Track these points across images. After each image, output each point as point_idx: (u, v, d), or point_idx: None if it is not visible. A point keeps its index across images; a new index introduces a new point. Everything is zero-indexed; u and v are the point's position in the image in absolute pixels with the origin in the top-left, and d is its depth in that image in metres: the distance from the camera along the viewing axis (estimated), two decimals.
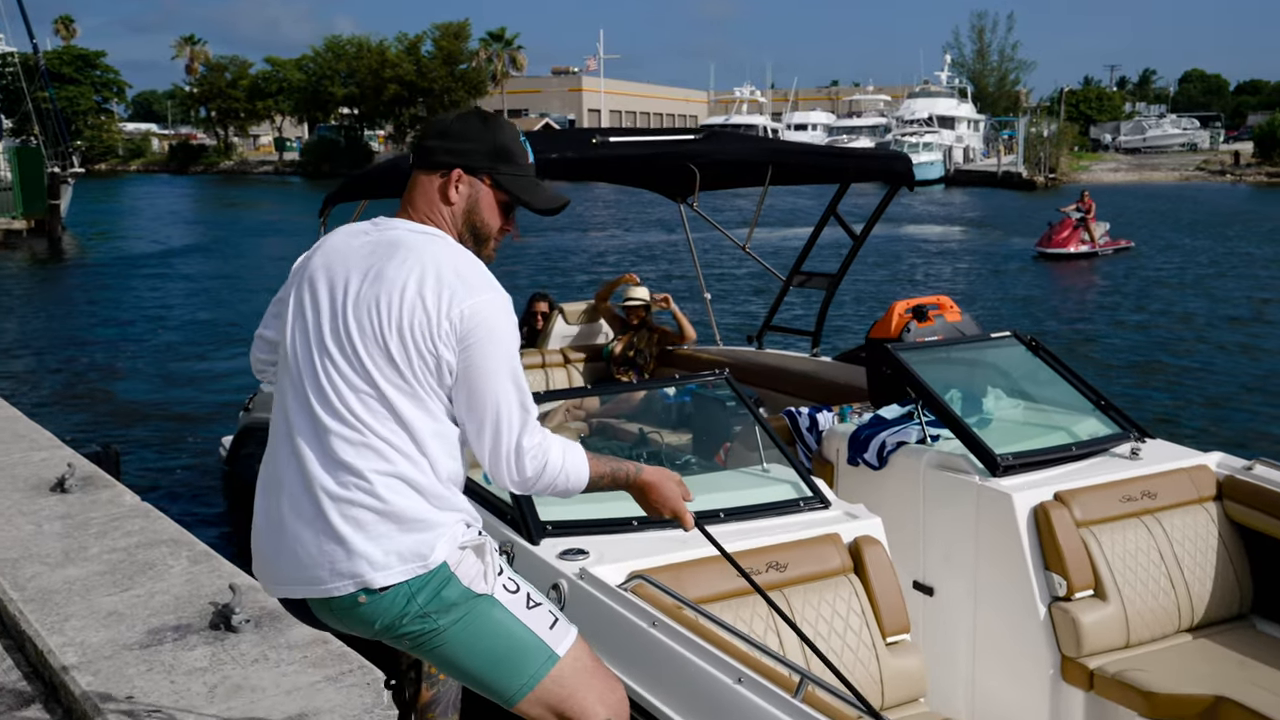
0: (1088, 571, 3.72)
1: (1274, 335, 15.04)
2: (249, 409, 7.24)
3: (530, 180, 2.41)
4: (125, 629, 3.87)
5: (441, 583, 2.21)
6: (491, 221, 2.39)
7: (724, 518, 3.55)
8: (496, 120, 2.41)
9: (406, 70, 72.80)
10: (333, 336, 2.23)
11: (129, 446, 9.51)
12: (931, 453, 4.08)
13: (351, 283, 2.25)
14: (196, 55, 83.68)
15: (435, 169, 2.36)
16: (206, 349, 15.29)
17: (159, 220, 39.84)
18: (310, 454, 2.21)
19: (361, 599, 2.19)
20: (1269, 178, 60.49)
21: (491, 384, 2.22)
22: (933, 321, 4.87)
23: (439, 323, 2.17)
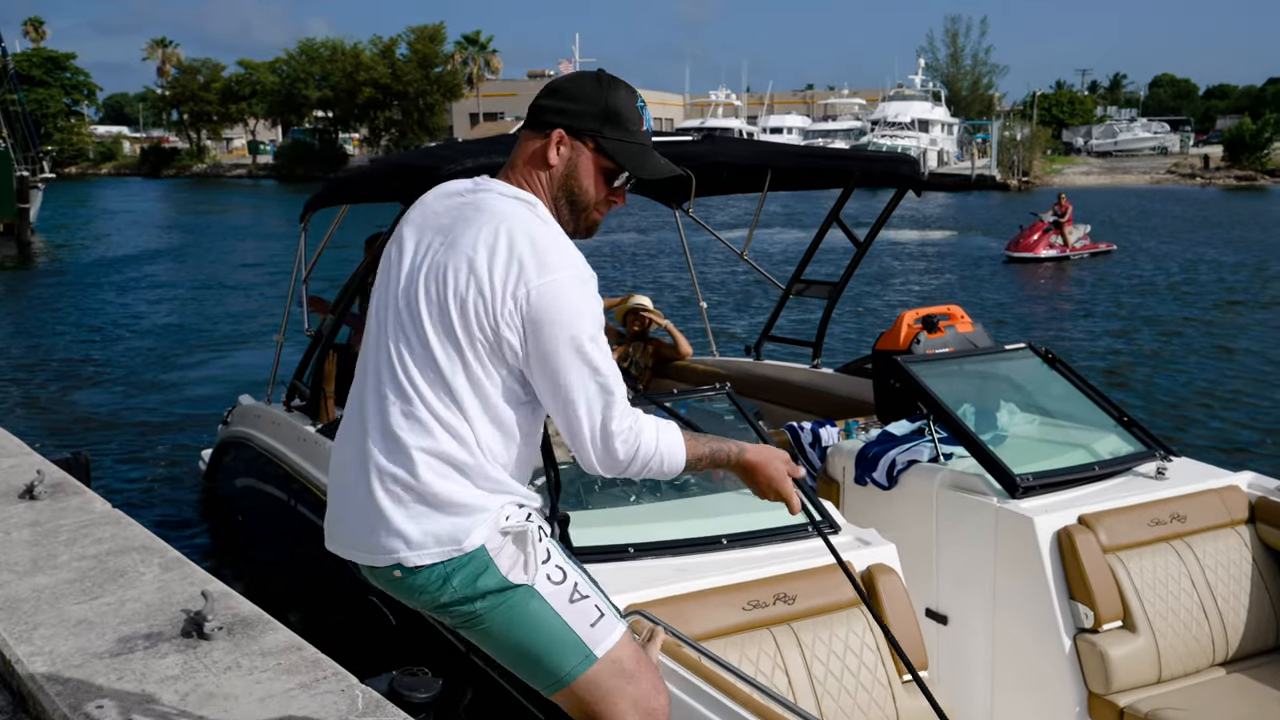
0: (1116, 601, 3.51)
1: (1244, 336, 15.14)
2: (227, 422, 7.13)
3: (638, 147, 2.25)
4: (95, 637, 3.80)
5: (479, 569, 2.15)
6: (590, 188, 2.25)
7: (727, 544, 3.36)
8: (612, 81, 2.26)
9: (381, 73, 72.55)
10: (404, 300, 2.17)
11: (100, 453, 9.33)
12: (945, 472, 3.89)
13: (431, 245, 2.18)
14: (168, 58, 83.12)
15: (539, 129, 2.24)
16: (178, 355, 15.12)
17: (130, 224, 39.43)
18: (371, 418, 2.18)
19: (397, 573, 2.16)
20: (1238, 181, 61.21)
21: (565, 369, 2.10)
22: (943, 332, 4.71)
23: (502, 301, 2.07)
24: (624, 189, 2.29)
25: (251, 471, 6.24)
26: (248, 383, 12.49)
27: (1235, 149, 64.87)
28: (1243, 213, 41.19)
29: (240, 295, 20.69)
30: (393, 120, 75.59)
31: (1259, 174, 62.51)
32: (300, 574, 5.40)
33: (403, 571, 2.16)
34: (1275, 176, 62.83)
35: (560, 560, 2.26)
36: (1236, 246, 28.45)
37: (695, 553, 3.31)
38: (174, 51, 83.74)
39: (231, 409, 7.16)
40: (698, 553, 3.31)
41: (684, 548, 3.31)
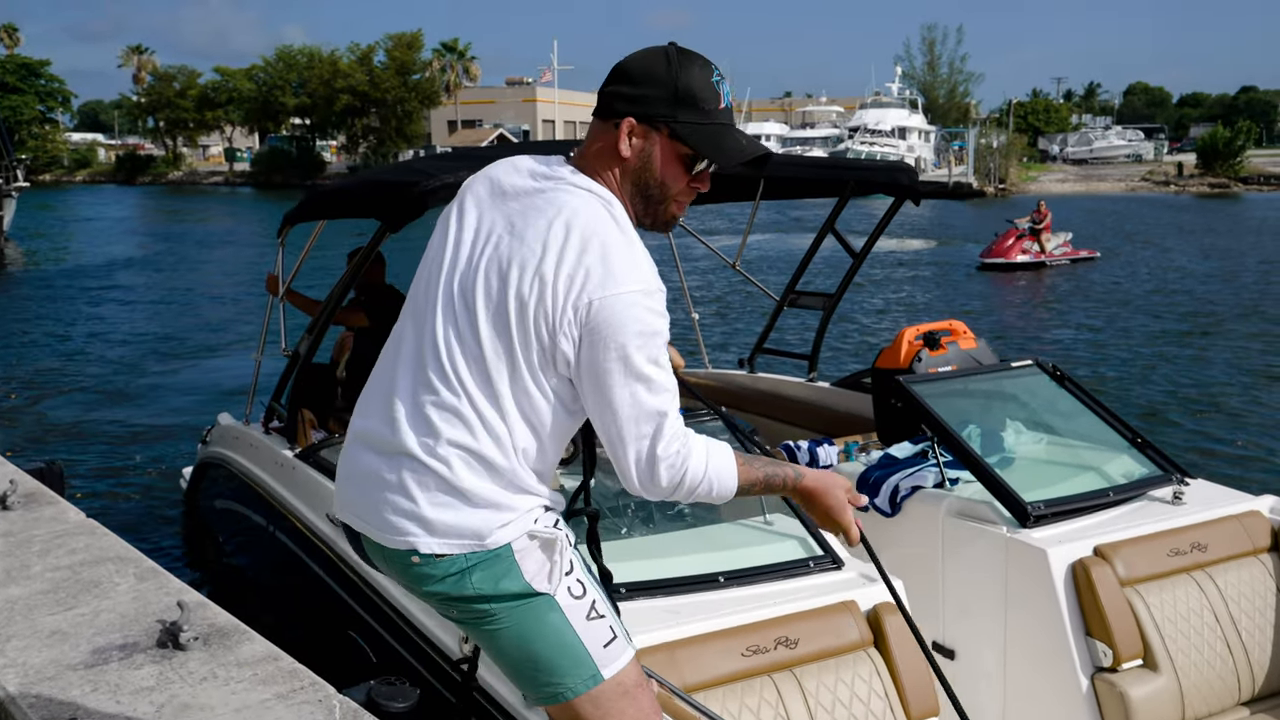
0: (1135, 638, 3.34)
1: (1214, 348, 15.22)
2: (206, 441, 6.97)
3: (717, 129, 2.07)
4: (69, 649, 3.73)
5: (503, 569, 2.07)
6: (669, 180, 2.09)
7: (724, 582, 3.17)
8: (686, 57, 2.07)
9: (359, 80, 72.24)
10: (460, 286, 2.06)
11: (74, 462, 9.18)
12: (951, 499, 3.74)
13: (495, 231, 2.06)
14: (144, 65, 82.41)
15: (608, 117, 2.08)
16: (153, 364, 14.93)
17: (105, 232, 39.05)
18: (405, 396, 2.07)
19: (415, 559, 2.06)
20: (1211, 188, 61.76)
21: (615, 386, 1.98)
22: (945, 349, 4.55)
23: (563, 311, 1.96)
24: (706, 174, 2.11)
25: (230, 495, 6.10)
26: (223, 393, 12.39)
27: (1208, 157, 65.47)
28: (1217, 220, 41.52)
29: (216, 304, 20.46)
30: (370, 127, 75.28)
31: (1232, 181, 63.12)
32: (282, 604, 5.32)
33: (420, 558, 2.06)
34: (1248, 184, 63.49)
35: (582, 574, 2.18)
36: (1208, 253, 28.61)
37: (691, 592, 3.13)
38: (149, 58, 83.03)
39: (210, 428, 7.04)
40: (693, 592, 3.13)
41: (678, 587, 3.13)
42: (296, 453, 4.85)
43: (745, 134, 2.11)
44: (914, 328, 4.61)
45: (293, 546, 4.78)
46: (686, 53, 2.08)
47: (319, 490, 4.42)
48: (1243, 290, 20.97)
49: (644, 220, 2.13)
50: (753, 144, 2.10)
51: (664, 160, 2.07)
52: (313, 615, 4.62)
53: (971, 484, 3.78)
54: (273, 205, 52.88)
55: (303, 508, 4.57)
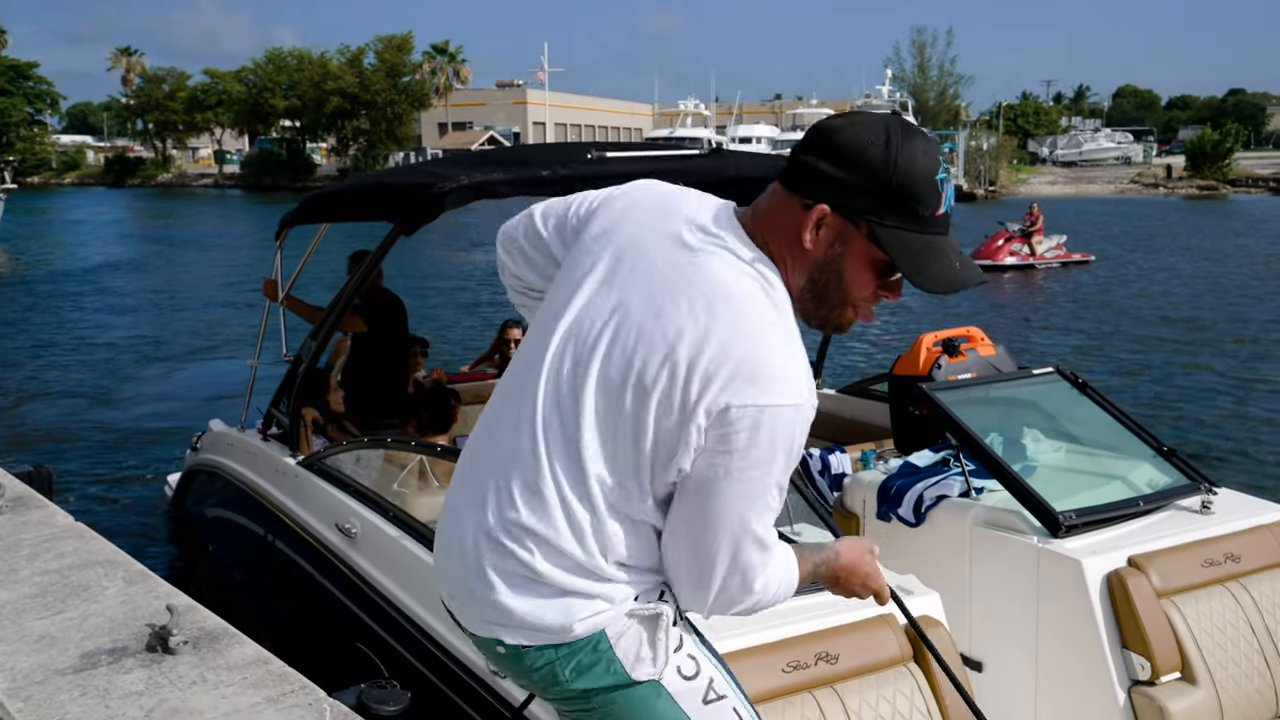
0: (1174, 651, 3.27)
1: (1202, 353, 15.15)
2: (196, 448, 6.84)
3: (929, 244, 1.69)
4: (57, 653, 3.68)
5: (595, 657, 1.80)
6: (854, 286, 1.74)
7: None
8: (909, 138, 1.67)
9: (349, 82, 72.09)
10: (575, 355, 1.75)
11: (62, 466, 9.05)
12: (978, 508, 3.65)
13: (628, 296, 1.72)
14: (133, 66, 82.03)
15: (798, 193, 1.72)
16: (142, 367, 14.79)
17: (94, 234, 38.82)
18: (496, 467, 1.82)
19: (500, 649, 1.84)
20: (1200, 190, 62.07)
21: (728, 511, 1.67)
22: (965, 356, 4.44)
23: (692, 412, 1.64)
24: (900, 283, 1.75)
25: (224, 503, 5.98)
26: (209, 398, 12.25)
27: (1197, 159, 65.80)
28: (1205, 222, 41.64)
29: (204, 308, 20.30)
30: (361, 130, 75.09)
31: (1220, 184, 63.43)
32: (282, 614, 5.22)
33: (505, 648, 1.84)
34: (1236, 186, 63.80)
35: (694, 649, 1.89)
36: (1197, 255, 28.60)
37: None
38: (138, 60, 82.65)
39: (201, 434, 6.91)
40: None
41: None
42: (299, 460, 4.75)
43: (959, 254, 1.73)
44: (932, 334, 4.52)
45: (294, 556, 4.69)
46: (911, 131, 1.69)
47: (324, 499, 4.33)
48: (1227, 295, 20.95)
49: (810, 319, 1.79)
50: (967, 269, 1.72)
51: (854, 263, 1.71)
52: (316, 626, 4.53)
53: (996, 493, 3.70)
54: (262, 208, 52.74)
55: (307, 517, 4.48)
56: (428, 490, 4.12)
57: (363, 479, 4.29)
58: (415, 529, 3.71)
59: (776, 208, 1.74)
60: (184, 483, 7.23)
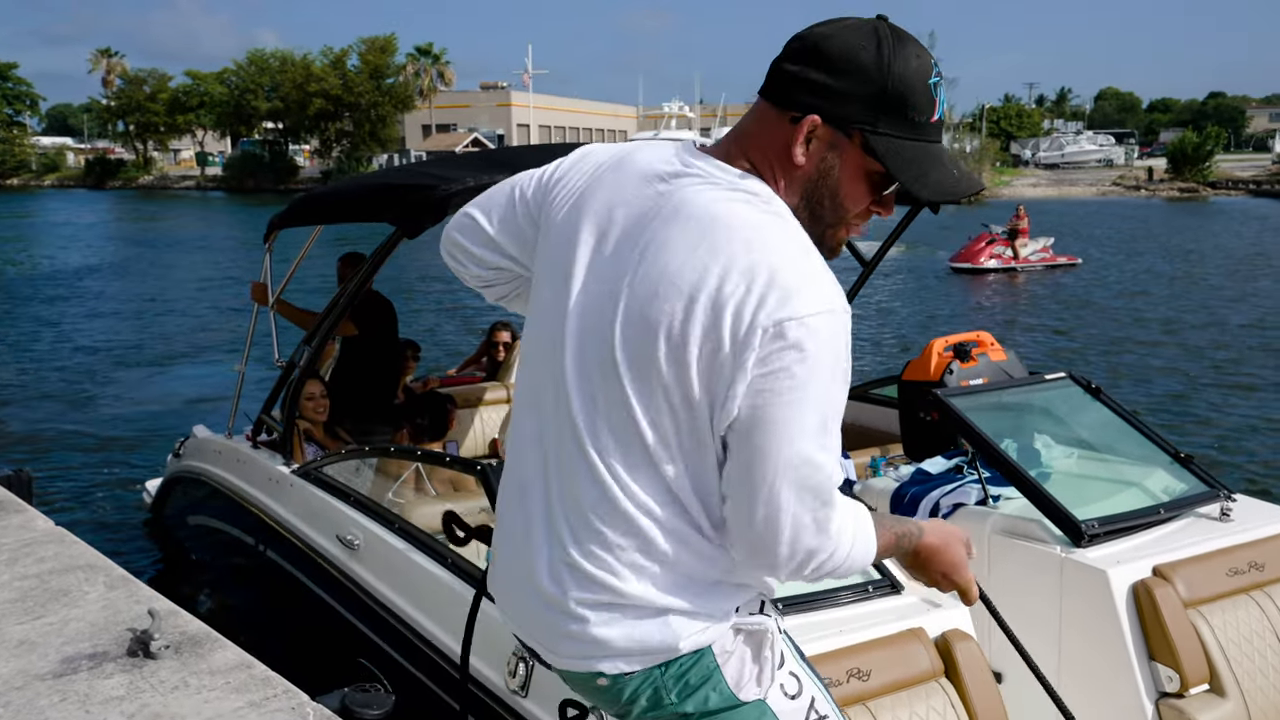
0: (1202, 662, 3.20)
1: (1183, 357, 15.16)
2: (179, 454, 6.66)
3: (925, 150, 1.59)
4: (37, 658, 3.65)
5: (700, 678, 1.67)
6: (849, 200, 1.63)
7: (782, 608, 2.89)
8: (901, 42, 1.57)
9: (332, 84, 71.77)
10: (585, 338, 1.62)
11: (42, 470, 8.89)
12: (997, 516, 3.57)
13: (622, 260, 1.59)
14: (113, 68, 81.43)
15: (785, 107, 1.59)
16: (122, 371, 14.60)
17: (74, 237, 38.46)
18: (553, 490, 1.67)
19: (601, 681, 1.69)
20: (1181, 192, 62.49)
21: (780, 441, 1.50)
22: (976, 361, 4.39)
23: (733, 356, 1.49)
24: (892, 197, 1.65)
25: (210, 511, 5.84)
26: (188, 402, 12.16)
27: (1178, 162, 66.26)
28: (1187, 223, 41.87)
29: (186, 311, 20.09)
30: (344, 132, 74.78)
31: (1201, 186, 63.88)
32: (273, 626, 5.10)
33: (607, 679, 1.69)
34: (1216, 188, 64.26)
35: (795, 665, 1.79)
36: (1177, 256, 28.66)
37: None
38: (119, 62, 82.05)
39: (184, 440, 6.76)
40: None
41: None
42: (294, 469, 4.64)
43: (956, 162, 1.63)
44: (942, 339, 4.45)
45: (287, 566, 4.57)
46: (902, 36, 1.58)
47: (323, 509, 4.22)
48: (1208, 298, 20.97)
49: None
50: (966, 178, 1.63)
51: (848, 176, 1.60)
52: (312, 639, 4.42)
53: (1013, 500, 3.62)
54: (245, 210, 52.43)
55: (303, 527, 4.37)
56: (430, 500, 4.02)
57: (363, 488, 4.19)
58: (422, 540, 3.61)
59: (761, 125, 1.62)
60: (165, 490, 7.07)
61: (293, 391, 4.78)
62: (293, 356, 4.91)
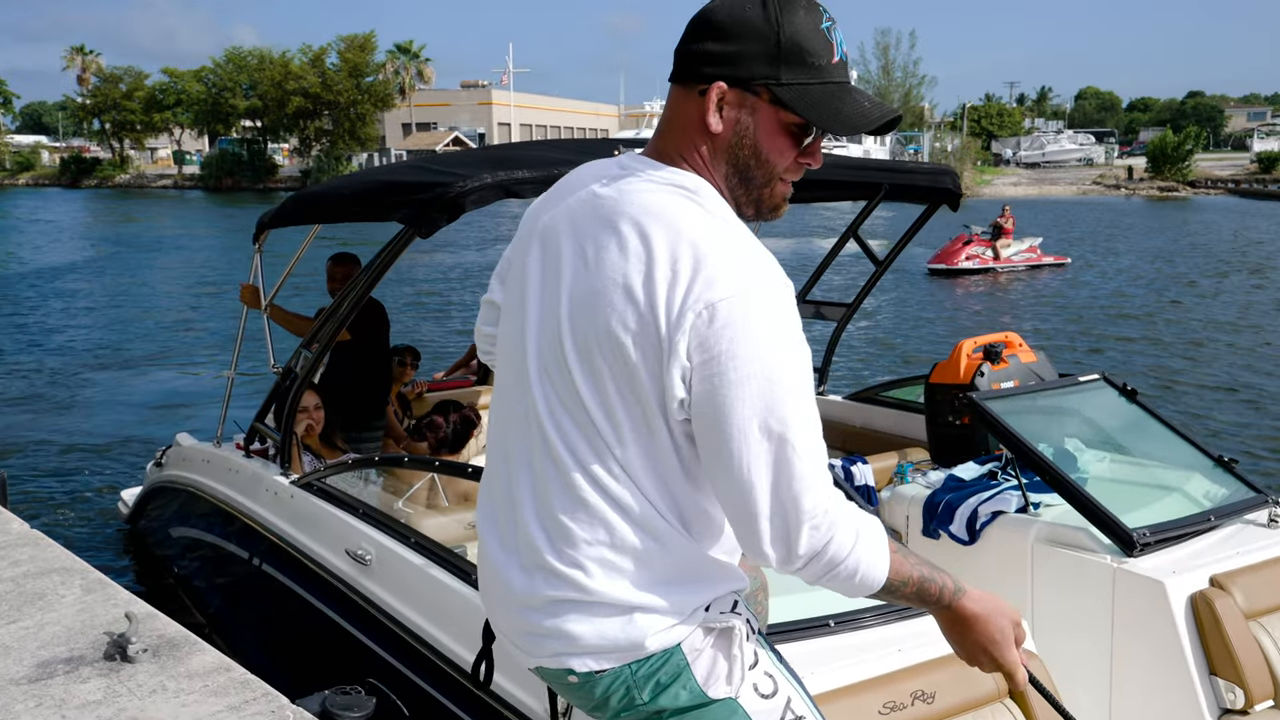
0: (1266, 676, 3.06)
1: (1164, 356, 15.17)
2: (160, 464, 6.43)
3: (832, 89, 1.62)
4: (12, 663, 3.62)
5: (669, 676, 1.68)
6: (773, 157, 1.65)
7: (834, 626, 2.79)
8: (788, 1, 1.60)
9: (311, 82, 71.30)
10: (541, 340, 1.67)
11: (16, 473, 8.74)
12: (1040, 524, 3.42)
13: (566, 265, 1.65)
14: (88, 65, 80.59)
15: (692, 82, 1.65)
16: (98, 373, 14.32)
17: (50, 236, 37.96)
18: (523, 495, 1.71)
19: (572, 679, 1.72)
20: (1160, 191, 62.95)
21: (740, 422, 1.51)
22: (1007, 363, 4.26)
23: (670, 338, 1.53)
24: (818, 146, 1.68)
25: (197, 523, 5.61)
26: (164, 407, 11.93)
27: (1158, 161, 66.75)
28: (1165, 222, 42.08)
29: (163, 313, 19.79)
30: (323, 130, 74.30)
31: (1180, 184, 64.35)
32: (270, 644, 4.90)
33: (578, 677, 1.71)
34: (1195, 187, 64.75)
35: (770, 666, 1.77)
36: (1153, 255, 28.69)
37: (797, 638, 2.73)
38: (94, 59, 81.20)
39: (166, 449, 6.51)
40: (800, 638, 2.74)
41: (781, 634, 2.71)
42: (293, 480, 4.45)
43: (866, 94, 1.67)
44: (971, 340, 4.31)
45: (287, 582, 4.38)
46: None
47: (329, 522, 4.02)
48: (1172, 294, 20.92)
49: (745, 210, 1.70)
50: (878, 106, 1.65)
51: (766, 132, 1.63)
52: (314, 658, 4.24)
53: (1054, 507, 3.47)
54: (224, 209, 51.99)
55: (307, 540, 4.17)
56: (447, 512, 3.83)
57: (372, 500, 4.00)
58: (441, 555, 3.41)
59: (676, 109, 1.69)
60: (145, 500, 6.82)
61: (291, 399, 4.57)
62: (289, 362, 4.72)
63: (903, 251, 5.65)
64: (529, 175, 3.58)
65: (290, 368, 4.67)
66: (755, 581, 2.23)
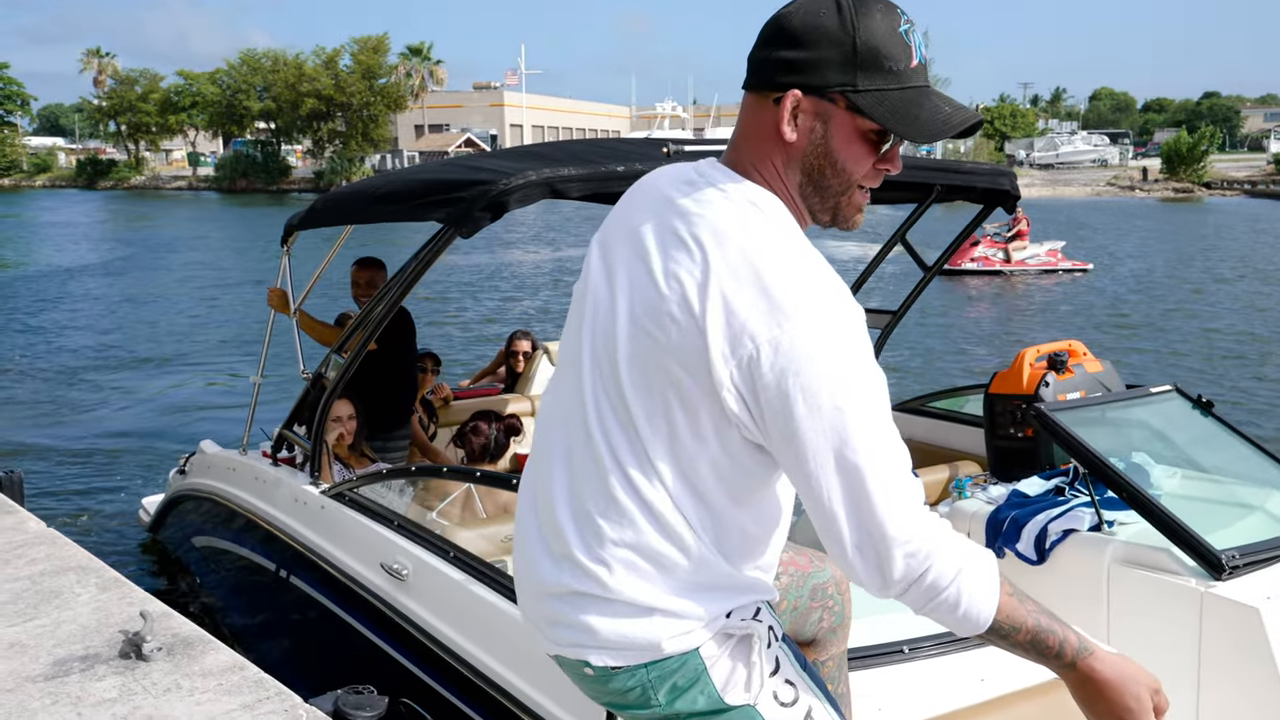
0: None
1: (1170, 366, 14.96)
2: (184, 471, 6.30)
3: (910, 94, 1.57)
4: (29, 660, 3.65)
5: (687, 681, 1.67)
6: (850, 165, 1.61)
7: (909, 653, 2.65)
8: (864, 5, 1.56)
9: (324, 84, 71.54)
10: (604, 343, 1.66)
11: (33, 472, 8.65)
12: (1116, 544, 3.26)
13: (631, 269, 1.64)
14: (104, 68, 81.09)
15: (765, 90, 1.61)
16: (115, 373, 14.26)
17: (66, 237, 38.12)
18: (559, 487, 1.72)
19: (588, 670, 1.72)
20: (1175, 192, 62.60)
21: (817, 449, 1.48)
22: (1072, 373, 4.09)
23: (722, 364, 1.51)
24: (896, 152, 1.64)
25: (221, 533, 5.48)
26: (181, 409, 11.84)
27: (1173, 162, 66.40)
28: (1181, 224, 41.79)
29: (182, 314, 19.78)
30: (336, 132, 74.53)
31: (1195, 186, 63.99)
32: (289, 655, 4.77)
33: (593, 670, 1.71)
34: (1211, 188, 64.37)
35: (792, 673, 1.74)
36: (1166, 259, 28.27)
37: (870, 665, 2.58)
38: (110, 62, 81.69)
39: (189, 455, 6.37)
40: (873, 665, 2.59)
41: (853, 660, 2.54)
42: (324, 490, 4.32)
43: (948, 98, 1.61)
44: (1034, 349, 4.16)
45: (317, 595, 4.26)
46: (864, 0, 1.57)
47: (363, 534, 3.88)
48: (1168, 298, 20.58)
49: (821, 218, 1.67)
50: (959, 111, 1.59)
51: (842, 140, 1.59)
52: (346, 672, 4.11)
53: (1128, 526, 3.31)
54: (238, 210, 52.15)
55: (338, 553, 4.03)
56: (485, 524, 3.69)
57: (408, 512, 3.87)
58: (481, 570, 3.27)
59: (750, 117, 1.65)
60: (168, 507, 6.68)
61: (322, 407, 4.44)
62: (319, 369, 4.60)
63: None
64: (574, 173, 3.44)
65: (320, 374, 4.55)
66: (838, 618, 2.17)
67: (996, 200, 4.85)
